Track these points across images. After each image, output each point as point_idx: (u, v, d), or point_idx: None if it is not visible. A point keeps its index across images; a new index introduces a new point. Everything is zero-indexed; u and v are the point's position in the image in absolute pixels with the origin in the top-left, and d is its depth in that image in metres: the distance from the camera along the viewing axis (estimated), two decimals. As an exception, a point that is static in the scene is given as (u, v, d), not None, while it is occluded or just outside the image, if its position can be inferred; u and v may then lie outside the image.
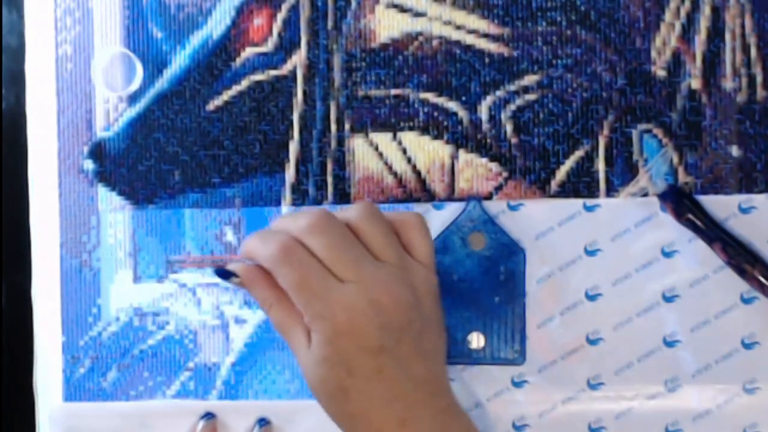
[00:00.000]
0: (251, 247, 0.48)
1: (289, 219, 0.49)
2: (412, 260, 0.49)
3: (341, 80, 0.57)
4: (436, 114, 0.56)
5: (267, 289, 0.49)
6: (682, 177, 0.55)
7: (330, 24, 0.57)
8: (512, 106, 0.56)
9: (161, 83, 0.58)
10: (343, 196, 0.57)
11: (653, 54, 0.55)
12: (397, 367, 0.46)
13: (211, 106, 0.57)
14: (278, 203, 0.57)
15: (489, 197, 0.56)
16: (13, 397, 0.59)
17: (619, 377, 0.56)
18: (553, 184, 0.56)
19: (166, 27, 0.58)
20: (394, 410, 0.46)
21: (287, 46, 0.57)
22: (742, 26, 0.55)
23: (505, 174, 0.56)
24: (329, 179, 0.57)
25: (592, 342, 0.56)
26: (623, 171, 0.56)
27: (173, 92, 0.58)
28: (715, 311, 0.55)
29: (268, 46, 0.57)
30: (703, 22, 0.55)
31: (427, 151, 0.57)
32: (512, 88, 0.56)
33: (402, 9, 0.57)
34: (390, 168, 0.57)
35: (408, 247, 0.49)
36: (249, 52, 0.57)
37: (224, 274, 0.50)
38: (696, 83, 0.55)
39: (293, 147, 0.57)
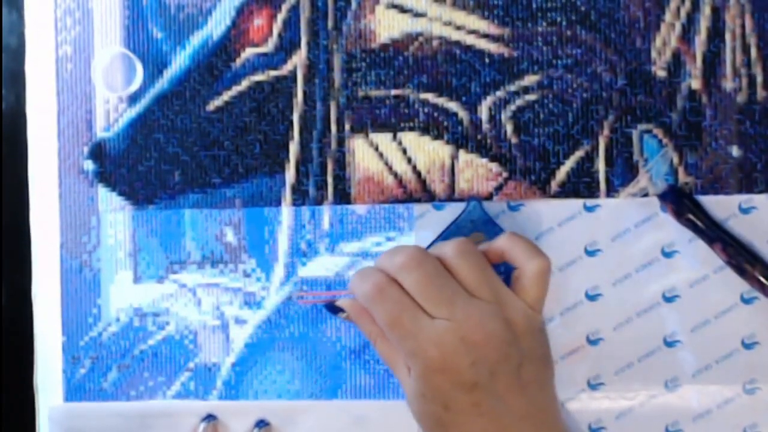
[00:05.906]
0: (352, 285, 0.50)
1: (387, 256, 0.50)
2: (512, 296, 0.48)
3: (341, 80, 0.57)
4: (436, 114, 0.56)
5: (371, 324, 0.51)
6: (682, 177, 0.55)
7: (330, 24, 0.57)
8: (512, 107, 0.56)
9: (161, 83, 0.58)
10: (343, 197, 0.57)
11: (653, 54, 0.55)
12: (494, 402, 0.46)
13: (211, 106, 0.57)
14: (278, 203, 0.57)
15: (489, 197, 0.56)
16: (13, 397, 0.59)
17: (619, 377, 0.56)
18: (553, 185, 0.56)
19: (166, 27, 0.57)
20: None
21: (287, 46, 0.57)
22: (742, 26, 0.55)
23: (505, 174, 0.56)
24: (329, 179, 0.57)
25: (592, 342, 0.56)
26: (623, 171, 0.56)
27: (173, 92, 0.57)
28: (715, 311, 0.55)
29: (268, 47, 0.57)
30: (703, 22, 0.55)
31: (428, 152, 0.57)
32: (512, 88, 0.56)
33: (402, 9, 0.56)
34: (390, 168, 0.57)
35: (518, 286, 0.49)
36: (249, 52, 0.57)
37: (333, 309, 0.53)
38: (696, 83, 0.55)
39: (293, 147, 0.57)
